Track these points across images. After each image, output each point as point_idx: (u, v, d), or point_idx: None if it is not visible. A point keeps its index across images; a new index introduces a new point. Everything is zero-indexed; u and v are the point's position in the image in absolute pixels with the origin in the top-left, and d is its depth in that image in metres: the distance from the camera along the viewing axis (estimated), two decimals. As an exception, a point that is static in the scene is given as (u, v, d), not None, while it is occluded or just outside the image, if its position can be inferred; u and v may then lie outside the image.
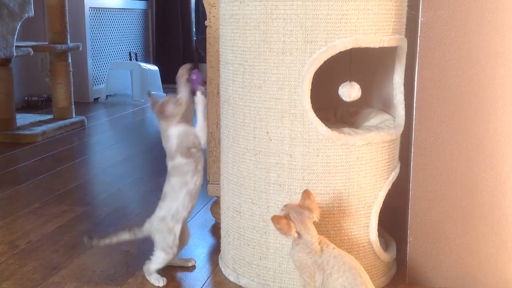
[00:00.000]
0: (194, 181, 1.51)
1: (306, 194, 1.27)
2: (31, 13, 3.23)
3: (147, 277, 1.52)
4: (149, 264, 1.52)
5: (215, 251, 1.73)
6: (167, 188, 1.53)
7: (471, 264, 1.46)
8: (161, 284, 1.50)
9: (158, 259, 1.52)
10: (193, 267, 1.62)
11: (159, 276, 1.51)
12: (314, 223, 1.26)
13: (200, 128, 1.51)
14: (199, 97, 1.52)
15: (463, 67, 1.39)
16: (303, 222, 1.25)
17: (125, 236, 1.54)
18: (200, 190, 1.55)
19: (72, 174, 2.58)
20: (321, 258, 1.24)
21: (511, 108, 1.38)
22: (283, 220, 1.24)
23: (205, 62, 1.87)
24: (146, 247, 1.71)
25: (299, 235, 1.25)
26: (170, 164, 1.52)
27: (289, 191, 1.39)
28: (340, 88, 1.42)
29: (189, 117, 1.53)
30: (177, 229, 1.51)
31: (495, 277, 1.45)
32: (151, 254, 1.53)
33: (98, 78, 4.79)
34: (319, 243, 1.25)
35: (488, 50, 1.37)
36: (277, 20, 1.33)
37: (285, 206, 1.28)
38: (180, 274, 1.58)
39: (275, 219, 1.25)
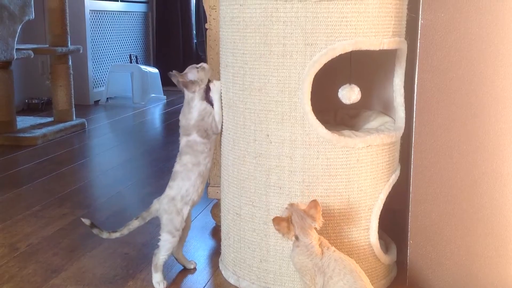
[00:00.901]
0: (206, 162, 1.51)
1: (314, 204, 1.26)
2: (32, 15, 3.24)
3: (153, 273, 1.51)
4: (158, 254, 1.50)
5: (215, 254, 1.73)
6: (178, 167, 1.51)
7: (472, 266, 1.46)
8: (161, 287, 1.50)
9: (166, 245, 1.50)
10: (194, 269, 1.62)
11: (161, 278, 1.51)
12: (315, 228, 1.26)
13: (216, 114, 1.51)
14: (215, 86, 1.52)
15: (463, 69, 1.39)
16: (303, 228, 1.24)
17: (135, 224, 1.53)
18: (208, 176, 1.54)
19: (73, 177, 2.58)
20: (322, 261, 1.23)
21: (511, 110, 1.38)
22: (284, 223, 1.24)
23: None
24: (146, 250, 1.71)
25: (297, 238, 1.25)
26: (184, 140, 1.51)
27: (289, 194, 1.39)
28: (339, 90, 1.42)
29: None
30: (186, 211, 1.50)
31: (496, 279, 1.45)
32: (158, 240, 1.51)
33: (99, 80, 4.79)
34: (320, 245, 1.25)
35: (488, 52, 1.37)
36: (277, 23, 1.33)
37: (291, 205, 1.28)
38: (180, 277, 1.58)
39: (276, 220, 1.25)
